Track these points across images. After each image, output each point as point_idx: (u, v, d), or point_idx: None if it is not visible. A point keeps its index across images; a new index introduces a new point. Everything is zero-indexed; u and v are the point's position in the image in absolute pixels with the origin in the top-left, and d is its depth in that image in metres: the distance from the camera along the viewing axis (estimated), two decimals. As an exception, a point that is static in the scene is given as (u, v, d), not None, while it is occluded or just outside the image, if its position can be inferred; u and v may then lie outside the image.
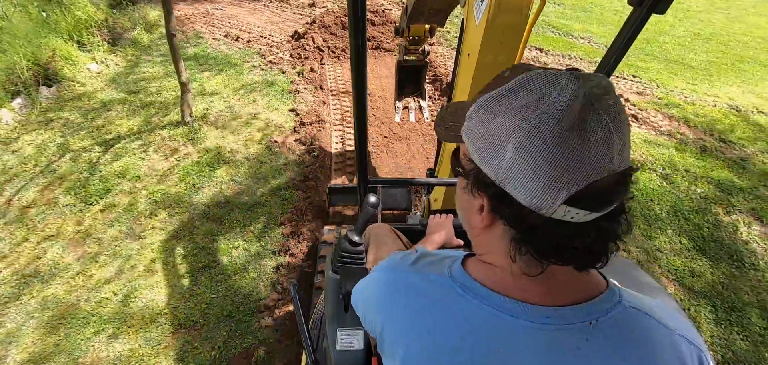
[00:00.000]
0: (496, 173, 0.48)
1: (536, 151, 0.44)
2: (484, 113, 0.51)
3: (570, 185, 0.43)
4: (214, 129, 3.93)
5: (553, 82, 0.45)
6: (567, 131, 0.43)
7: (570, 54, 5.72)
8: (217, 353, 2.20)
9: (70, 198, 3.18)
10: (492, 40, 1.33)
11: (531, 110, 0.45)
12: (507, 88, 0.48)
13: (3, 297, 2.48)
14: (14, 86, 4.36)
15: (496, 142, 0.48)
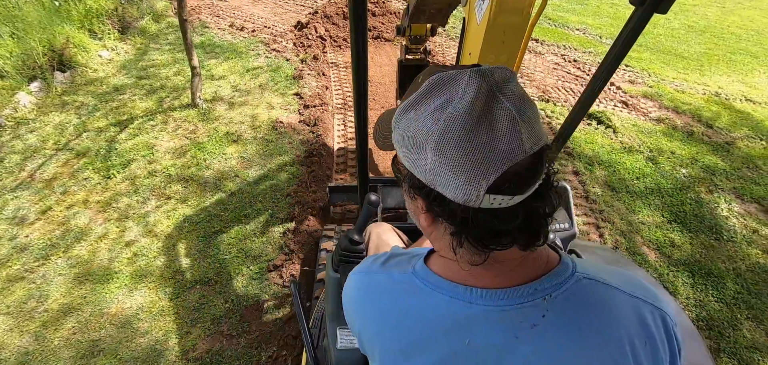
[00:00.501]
0: (424, 175, 0.51)
1: (451, 149, 0.47)
2: (403, 119, 0.54)
3: (488, 175, 0.46)
4: (223, 110, 4.13)
5: (457, 82, 0.49)
6: (475, 125, 0.46)
7: (565, 44, 5.89)
8: (230, 305, 2.41)
9: (90, 172, 3.38)
10: (493, 39, 1.34)
11: (440, 111, 0.48)
12: (419, 94, 0.52)
13: (34, 256, 2.68)
14: (31, 71, 4.56)
15: (418, 146, 0.51)
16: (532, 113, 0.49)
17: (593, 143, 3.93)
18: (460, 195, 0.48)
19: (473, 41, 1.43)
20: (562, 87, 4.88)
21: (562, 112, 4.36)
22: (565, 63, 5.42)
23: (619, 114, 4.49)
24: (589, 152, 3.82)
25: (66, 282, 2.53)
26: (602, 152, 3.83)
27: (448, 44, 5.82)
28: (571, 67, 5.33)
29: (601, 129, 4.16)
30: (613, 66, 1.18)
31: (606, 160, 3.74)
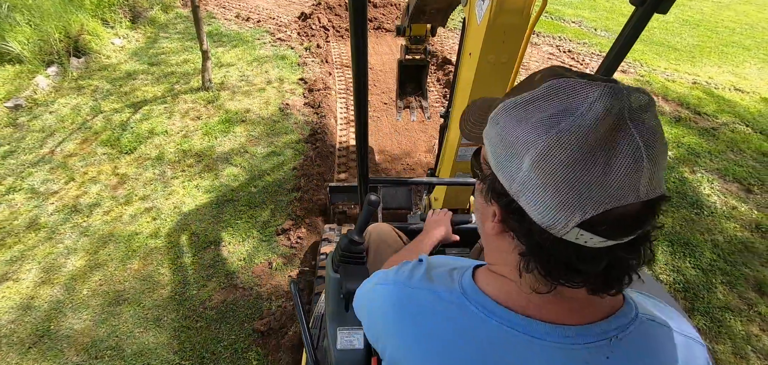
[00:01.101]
0: (510, 183, 0.46)
1: (554, 168, 0.41)
2: (506, 118, 0.48)
3: (585, 209, 0.41)
4: (232, 94, 4.34)
5: (584, 94, 0.42)
6: (591, 150, 0.40)
7: (560, 36, 6.09)
8: (242, 263, 2.62)
9: (106, 149, 3.60)
10: (494, 39, 1.32)
11: (554, 122, 0.42)
12: (533, 95, 0.46)
13: (57, 223, 2.90)
14: (48, 56, 4.78)
15: (513, 151, 0.46)
16: (662, 155, 0.42)
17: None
18: (546, 219, 0.43)
19: (474, 41, 1.41)
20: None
21: (555, 97, 4.56)
22: (560, 53, 5.61)
23: (610, 100, 4.68)
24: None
25: (91, 242, 2.74)
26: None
27: (446, 35, 6.02)
28: (566, 57, 5.52)
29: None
30: (613, 65, 1.16)
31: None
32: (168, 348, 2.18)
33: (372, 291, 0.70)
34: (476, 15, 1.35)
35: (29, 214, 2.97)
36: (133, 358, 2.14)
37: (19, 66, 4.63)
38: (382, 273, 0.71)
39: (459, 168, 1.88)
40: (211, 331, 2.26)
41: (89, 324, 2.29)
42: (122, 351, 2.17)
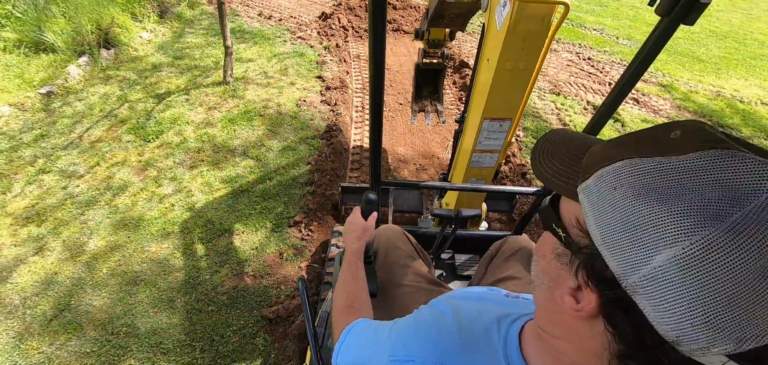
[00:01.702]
0: (626, 273, 0.36)
1: (711, 277, 0.31)
2: (630, 184, 0.37)
3: (747, 339, 0.31)
4: (251, 89, 4.45)
5: (763, 177, 0.31)
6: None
7: (580, 43, 6.02)
8: (254, 252, 2.70)
9: (131, 136, 3.75)
10: (512, 46, 1.30)
11: (718, 213, 0.32)
12: (681, 165, 0.35)
13: (83, 203, 3.04)
14: (80, 47, 5.00)
15: (643, 238, 0.35)
16: None
17: (600, 134, 4.07)
18: (675, 333, 0.33)
19: (492, 47, 1.39)
20: (573, 83, 5.03)
21: (572, 105, 4.52)
22: (579, 61, 5.55)
23: (630, 110, 4.61)
24: (596, 142, 3.97)
25: (112, 225, 2.87)
26: (608, 143, 3.97)
27: (464, 38, 6.02)
28: (585, 64, 5.46)
29: (609, 122, 4.30)
30: (636, 75, 1.13)
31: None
32: (180, 329, 2.27)
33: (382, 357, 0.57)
34: (496, 21, 1.35)
35: (57, 194, 3.12)
36: (146, 336, 2.23)
37: (53, 55, 4.85)
38: (396, 343, 0.59)
39: (472, 174, 1.89)
40: (222, 315, 2.34)
41: (107, 302, 2.40)
42: (136, 329, 2.27)
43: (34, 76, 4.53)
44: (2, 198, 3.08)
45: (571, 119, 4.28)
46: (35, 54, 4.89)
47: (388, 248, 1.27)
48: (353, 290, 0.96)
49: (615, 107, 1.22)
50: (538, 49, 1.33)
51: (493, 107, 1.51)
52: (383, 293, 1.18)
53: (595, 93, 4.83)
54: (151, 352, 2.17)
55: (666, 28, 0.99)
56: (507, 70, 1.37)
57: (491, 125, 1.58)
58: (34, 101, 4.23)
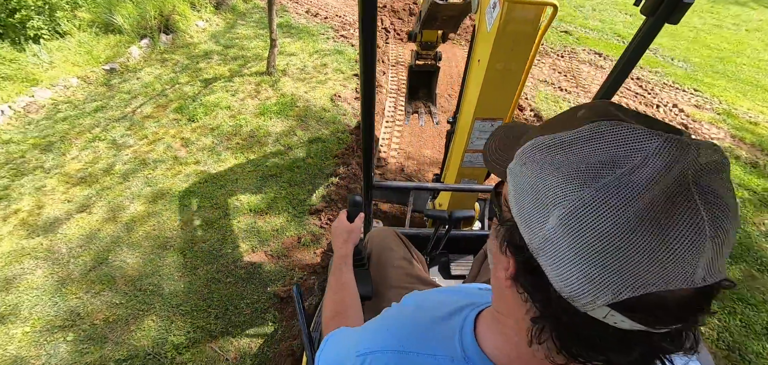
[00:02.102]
0: (532, 238, 0.39)
1: (586, 232, 0.34)
2: (536, 158, 0.40)
3: (621, 290, 0.34)
4: (291, 81, 4.64)
5: (638, 143, 0.34)
6: (638, 218, 0.32)
7: (630, 61, 5.73)
8: (275, 233, 2.83)
9: (177, 115, 4.03)
10: (502, 47, 1.32)
11: (595, 175, 0.35)
12: (573, 137, 0.38)
13: (129, 171, 3.31)
14: (143, 30, 5.44)
15: (540, 201, 0.38)
16: (731, 232, 0.34)
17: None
18: (569, 289, 0.36)
19: (483, 48, 1.41)
20: (619, 102, 4.80)
21: (613, 124, 4.32)
22: (627, 80, 5.29)
23: (677, 136, 4.34)
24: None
25: (151, 193, 3.10)
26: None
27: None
28: (633, 84, 5.20)
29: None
30: (622, 76, 1.14)
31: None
32: (199, 295, 2.42)
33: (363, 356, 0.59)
34: (486, 22, 1.36)
35: (107, 161, 3.42)
36: (169, 297, 2.41)
37: (119, 36, 5.32)
38: (361, 339, 0.61)
39: (464, 174, 1.89)
40: (238, 288, 2.47)
41: (139, 262, 2.61)
42: (161, 289, 2.45)
43: (101, 53, 4.98)
44: (62, 159, 3.42)
45: (610, 138, 4.10)
46: (104, 34, 5.38)
47: (381, 250, 1.26)
48: (339, 298, 0.95)
49: None
50: (528, 50, 1.35)
51: (484, 108, 1.51)
52: (378, 295, 1.16)
53: (640, 115, 4.59)
54: (171, 312, 2.33)
55: (651, 28, 1.01)
56: (497, 71, 1.38)
57: (482, 126, 1.59)
58: (99, 75, 4.65)
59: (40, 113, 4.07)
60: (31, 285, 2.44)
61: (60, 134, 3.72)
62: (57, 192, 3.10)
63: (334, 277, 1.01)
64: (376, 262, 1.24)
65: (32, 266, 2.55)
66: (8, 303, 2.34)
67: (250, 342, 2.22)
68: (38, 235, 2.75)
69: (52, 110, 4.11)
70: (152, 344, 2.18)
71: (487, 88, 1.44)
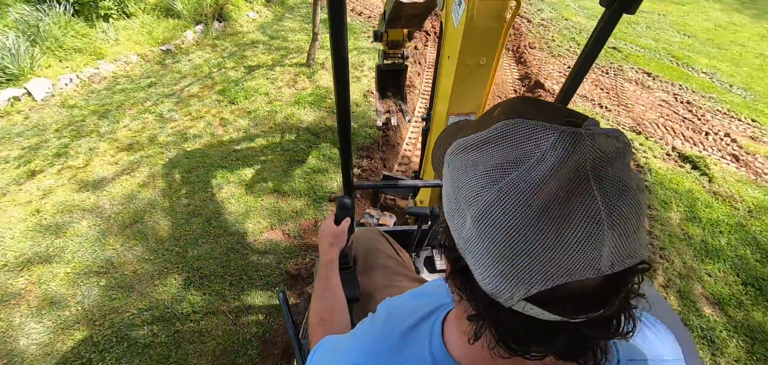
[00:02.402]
0: (457, 239, 0.40)
1: (494, 231, 0.35)
2: (457, 159, 0.42)
3: (530, 284, 0.34)
4: (327, 74, 4.81)
5: (536, 139, 0.35)
6: (537, 214, 0.33)
7: (681, 84, 5.41)
8: (293, 215, 2.96)
9: (219, 97, 4.30)
10: (471, 43, 1.35)
11: (499, 175, 0.36)
12: (483, 137, 0.39)
13: (171, 143, 3.59)
14: (199, 17, 5.84)
15: (459, 203, 0.39)
16: (632, 217, 0.35)
17: (678, 185, 3.66)
18: (491, 287, 0.37)
19: (451, 45, 1.43)
20: (662, 125, 4.56)
21: (652, 147, 4.12)
22: (675, 102, 5.00)
23: (724, 166, 4.05)
24: (670, 190, 3.59)
25: (188, 164, 3.35)
26: (686, 196, 3.56)
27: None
28: (681, 108, 4.91)
29: (694, 174, 3.84)
30: (583, 71, 1.16)
31: (687, 204, 3.47)
32: (217, 262, 2.60)
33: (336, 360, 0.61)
34: (453, 20, 1.39)
35: (153, 131, 3.73)
36: (192, 260, 2.60)
37: (177, 21, 5.73)
38: (337, 357, 0.63)
39: None
40: (253, 261, 2.62)
41: (169, 224, 2.83)
42: (186, 252, 2.65)
43: (160, 35, 5.40)
44: (114, 126, 3.77)
45: (647, 161, 3.91)
46: (164, 18, 5.82)
47: (367, 251, 1.25)
48: (324, 305, 0.94)
49: (565, 104, 1.19)
50: (495, 45, 1.36)
51: (457, 103, 1.53)
52: (366, 297, 1.15)
53: (685, 140, 4.33)
54: (192, 273, 2.52)
55: (609, 20, 1.02)
56: (468, 67, 1.40)
57: (456, 119, 1.59)
58: (155, 54, 5.05)
59: (102, 84, 4.49)
60: (77, 233, 2.73)
61: (116, 104, 4.09)
62: (107, 155, 3.42)
63: (320, 282, 0.99)
64: (363, 263, 1.23)
65: (79, 216, 2.85)
66: (56, 245, 2.63)
67: (258, 311, 2.35)
68: (87, 190, 3.06)
69: (112, 82, 4.52)
70: (171, 299, 2.37)
71: (458, 84, 1.46)
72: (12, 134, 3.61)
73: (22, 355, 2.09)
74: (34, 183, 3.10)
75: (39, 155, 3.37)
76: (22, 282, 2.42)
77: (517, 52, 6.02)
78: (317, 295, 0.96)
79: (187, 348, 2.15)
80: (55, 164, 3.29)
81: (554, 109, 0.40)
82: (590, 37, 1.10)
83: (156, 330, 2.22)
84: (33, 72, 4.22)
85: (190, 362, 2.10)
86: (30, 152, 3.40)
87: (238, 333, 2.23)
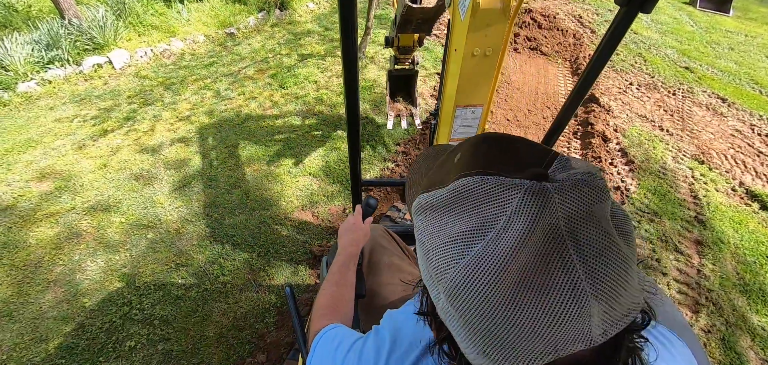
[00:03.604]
0: (437, 308, 0.37)
1: (468, 311, 0.32)
2: (420, 221, 0.39)
3: (516, 362, 0.31)
4: (376, 68, 4.90)
5: (500, 202, 0.31)
6: (512, 290, 0.30)
7: (761, 114, 4.87)
8: (325, 199, 3.08)
9: (272, 80, 4.55)
10: (477, 33, 1.38)
11: (467, 244, 0.32)
12: (445, 198, 0.36)
13: (222, 120, 3.86)
14: (263, 4, 6.18)
15: (430, 275, 0.37)
16: (619, 275, 0.31)
17: (740, 224, 3.33)
18: (475, 361, 0.34)
19: (458, 37, 1.48)
20: (732, 157, 4.14)
21: (716, 179, 3.76)
22: (752, 134, 4.51)
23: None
24: (731, 229, 3.27)
25: (236, 140, 3.59)
26: (748, 238, 3.22)
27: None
28: (758, 140, 4.42)
29: (761, 215, 3.46)
30: (597, 70, 1.15)
31: (748, 248, 3.14)
32: (249, 233, 2.77)
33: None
34: (460, 13, 1.42)
35: (210, 106, 4.03)
36: (227, 228, 2.80)
37: (242, 6, 6.12)
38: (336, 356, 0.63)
39: None
40: (282, 236, 2.77)
41: (213, 192, 3.06)
42: (223, 220, 2.85)
43: (226, 18, 5.79)
44: (176, 98, 4.12)
45: (707, 194, 3.58)
46: (232, 3, 6.23)
47: (373, 248, 1.25)
48: (339, 292, 0.95)
49: (576, 104, 1.21)
50: (501, 35, 1.39)
51: (464, 94, 1.55)
52: (371, 293, 1.17)
53: (757, 176, 3.91)
54: (226, 240, 2.71)
55: (624, 18, 1.02)
56: (474, 58, 1.43)
57: (464, 112, 1.61)
58: (220, 36, 5.43)
59: (171, 59, 4.92)
60: (133, 189, 3.04)
61: (180, 79, 4.47)
62: (167, 123, 3.75)
63: (339, 272, 0.99)
64: (368, 260, 1.23)
65: (137, 174, 3.16)
66: (115, 197, 2.95)
67: (280, 283, 2.49)
68: (147, 152, 3.39)
69: (180, 59, 4.93)
70: (206, 260, 2.58)
71: (465, 75, 1.48)
72: (92, 96, 4.07)
73: (76, 287, 2.38)
74: (105, 141, 3.49)
75: (112, 117, 3.77)
76: (85, 224, 2.74)
77: (575, 63, 5.74)
78: (331, 281, 0.97)
79: (212, 305, 2.33)
80: (123, 126, 3.67)
81: (520, 150, 0.36)
82: (604, 36, 1.09)
83: (189, 283, 2.43)
84: (115, 43, 4.72)
85: (214, 318, 2.27)
86: (105, 113, 3.82)
87: (259, 300, 2.38)
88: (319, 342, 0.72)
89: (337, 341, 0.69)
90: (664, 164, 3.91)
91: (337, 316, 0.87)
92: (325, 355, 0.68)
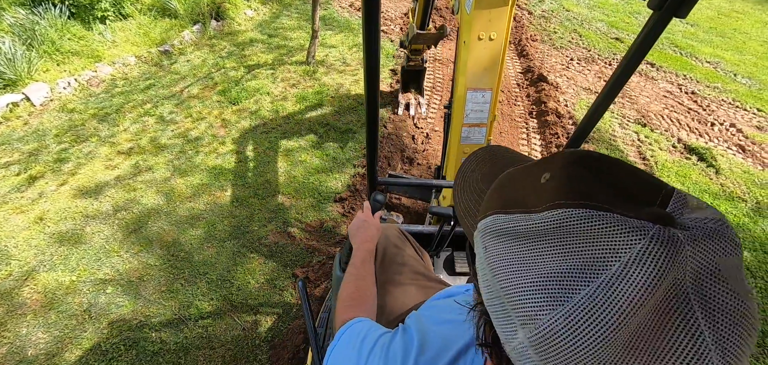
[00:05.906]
0: (504, 342, 0.34)
1: (562, 363, 0.28)
2: (496, 246, 0.35)
3: None
4: (327, 71, 4.76)
5: (617, 244, 0.26)
6: (625, 347, 0.26)
7: (685, 74, 5.37)
8: (298, 216, 2.93)
9: (219, 97, 4.25)
10: (481, 21, 1.54)
11: (567, 289, 0.28)
12: (536, 227, 0.31)
13: (172, 146, 3.55)
14: (196, 16, 5.77)
15: (506, 311, 0.33)
16: (744, 344, 0.27)
17: (685, 177, 3.64)
18: None
19: (466, 29, 1.61)
20: (667, 116, 4.52)
21: (658, 139, 4.08)
22: (680, 93, 4.96)
23: (731, 157, 4.02)
24: (678, 184, 3.56)
25: (190, 167, 3.31)
26: (692, 189, 3.53)
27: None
28: (686, 98, 4.87)
29: (700, 166, 3.81)
30: (628, 73, 1.14)
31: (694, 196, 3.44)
32: (223, 266, 2.57)
33: None
34: (466, 7, 1.59)
35: (154, 134, 3.68)
36: (198, 265, 2.57)
37: (174, 20, 5.67)
38: (361, 351, 0.62)
39: (465, 152, 1.92)
40: (260, 263, 2.59)
41: (174, 229, 2.80)
42: (192, 257, 2.62)
43: (157, 35, 5.33)
44: (114, 130, 3.73)
45: (654, 154, 3.88)
46: (161, 18, 5.75)
47: (386, 246, 1.24)
48: (362, 285, 0.95)
49: (607, 104, 1.23)
50: (503, 19, 1.55)
51: (474, 78, 1.69)
52: (382, 291, 1.16)
53: (691, 131, 4.30)
54: (199, 279, 2.49)
55: (658, 22, 0.98)
56: (480, 41, 1.59)
57: (474, 96, 1.73)
58: (153, 55, 5.00)
59: (101, 87, 4.44)
60: (79, 240, 2.69)
61: (115, 108, 4.05)
62: (107, 159, 3.38)
63: (362, 266, 0.99)
64: (381, 258, 1.22)
65: (82, 223, 2.81)
66: (60, 253, 2.60)
67: (266, 314, 2.32)
68: (89, 196, 3.02)
69: (111, 85, 4.47)
70: (179, 306, 2.34)
71: (474, 60, 1.64)
72: (12, 139, 3.56)
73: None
74: (35, 190, 3.06)
75: (39, 161, 3.33)
76: (27, 292, 2.39)
77: (519, 45, 5.96)
78: (350, 278, 0.98)
79: (196, 354, 2.13)
80: (55, 170, 3.25)
81: (623, 178, 0.31)
82: (636, 40, 1.06)
83: (164, 336, 2.20)
84: (31, 77, 4.17)
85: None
86: (30, 158, 3.36)
87: (246, 339, 2.21)
88: (344, 333, 0.71)
89: (362, 334, 0.67)
90: (614, 131, 4.18)
91: (363, 308, 0.87)
92: (349, 348, 0.66)
